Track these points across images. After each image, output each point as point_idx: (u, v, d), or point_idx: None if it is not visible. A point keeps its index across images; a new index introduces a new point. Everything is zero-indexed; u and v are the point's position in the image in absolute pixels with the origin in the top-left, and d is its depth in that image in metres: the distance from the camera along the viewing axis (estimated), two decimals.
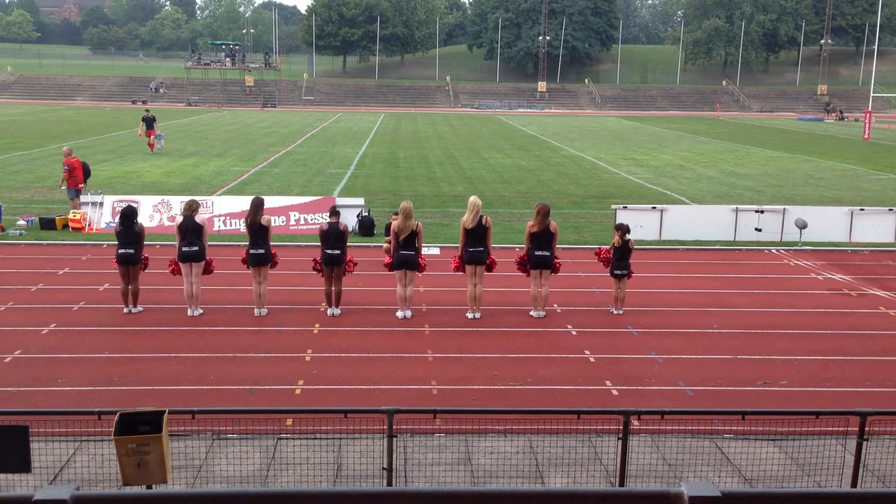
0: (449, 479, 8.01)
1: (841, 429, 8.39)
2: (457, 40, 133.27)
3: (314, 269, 13.17)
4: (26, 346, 11.33)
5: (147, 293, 13.23)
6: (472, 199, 13.08)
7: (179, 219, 12.83)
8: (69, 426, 7.72)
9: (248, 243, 12.95)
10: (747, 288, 15.41)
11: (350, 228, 15.20)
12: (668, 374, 10.84)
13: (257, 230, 12.78)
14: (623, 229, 13.45)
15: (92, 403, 9.26)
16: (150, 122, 37.11)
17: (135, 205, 18.93)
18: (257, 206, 12.96)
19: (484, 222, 12.83)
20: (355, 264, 13.37)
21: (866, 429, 7.04)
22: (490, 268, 13.04)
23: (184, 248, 12.67)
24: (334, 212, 13.18)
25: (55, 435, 7.95)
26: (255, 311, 12.90)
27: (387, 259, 13.05)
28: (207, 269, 12.96)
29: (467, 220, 12.82)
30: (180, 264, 12.77)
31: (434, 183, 28.78)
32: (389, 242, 13.43)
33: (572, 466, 8.24)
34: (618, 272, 13.32)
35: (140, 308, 12.99)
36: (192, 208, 12.84)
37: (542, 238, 12.93)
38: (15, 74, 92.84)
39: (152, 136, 36.89)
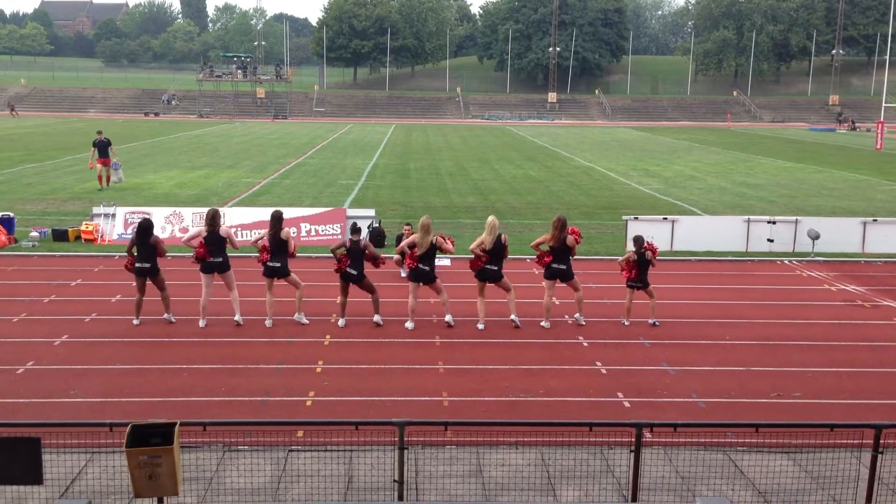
0: (460, 491, 7.98)
1: (855, 442, 8.32)
2: (467, 52, 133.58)
3: (337, 270, 13.09)
4: (38, 358, 11.37)
5: (157, 305, 13.24)
6: (491, 219, 13.12)
7: (204, 232, 12.86)
8: (81, 438, 7.74)
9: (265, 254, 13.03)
10: (760, 299, 15.34)
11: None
12: (680, 387, 10.78)
13: (278, 244, 12.89)
14: (636, 243, 13.42)
15: (104, 415, 9.27)
16: (103, 149, 27.59)
17: (148, 215, 19.17)
18: (277, 219, 13.04)
19: (503, 241, 12.88)
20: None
21: (881, 442, 6.98)
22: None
23: (208, 260, 12.78)
24: (355, 229, 13.16)
25: (67, 447, 7.97)
26: (266, 321, 12.98)
27: (407, 261, 13.02)
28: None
29: (486, 240, 12.85)
30: (202, 275, 12.88)
31: (445, 194, 28.80)
32: (400, 253, 13.43)
33: (584, 479, 8.20)
34: (631, 283, 13.36)
35: (171, 317, 13.12)
36: (215, 221, 12.91)
37: (559, 252, 12.96)
38: (28, 87, 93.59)
39: (107, 167, 27.89)
